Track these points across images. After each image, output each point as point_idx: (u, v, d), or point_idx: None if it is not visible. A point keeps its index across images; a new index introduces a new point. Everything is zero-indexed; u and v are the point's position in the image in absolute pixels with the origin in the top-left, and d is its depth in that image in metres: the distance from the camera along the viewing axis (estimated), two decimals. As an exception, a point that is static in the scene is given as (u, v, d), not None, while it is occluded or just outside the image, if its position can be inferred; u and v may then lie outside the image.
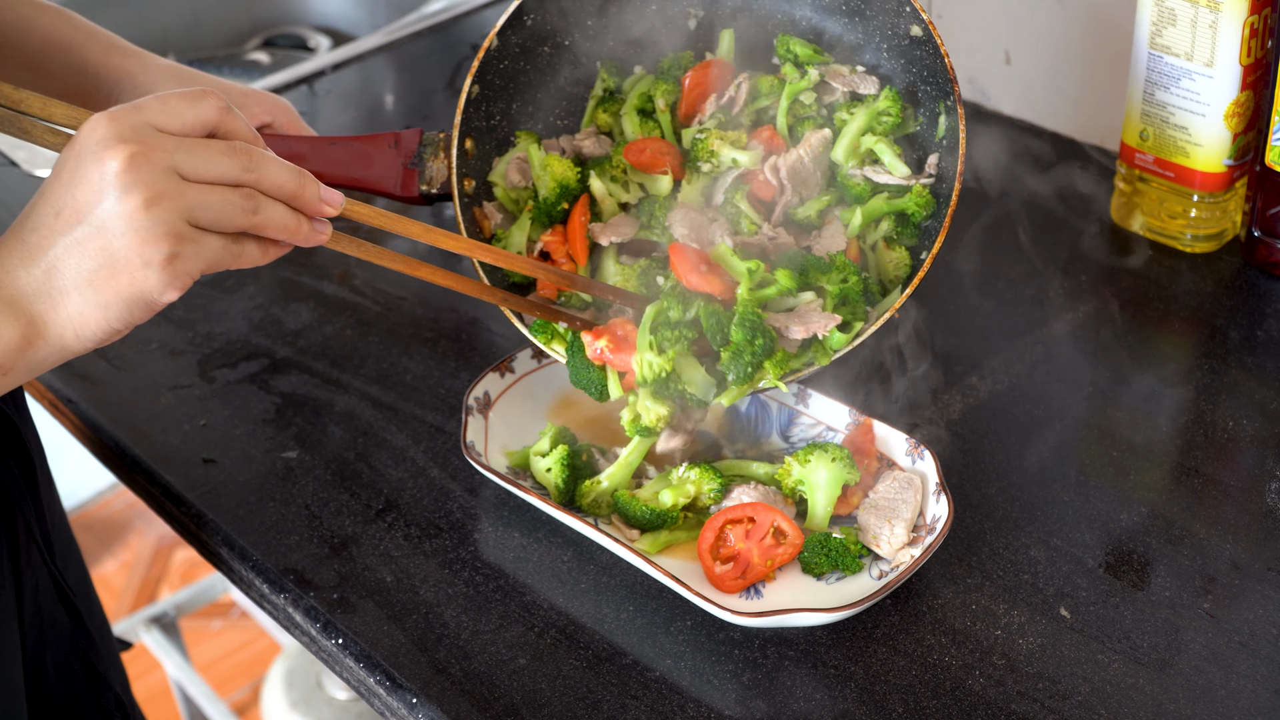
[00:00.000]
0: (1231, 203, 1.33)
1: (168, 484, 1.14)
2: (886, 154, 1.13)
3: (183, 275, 0.81)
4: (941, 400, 1.18)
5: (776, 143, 1.16)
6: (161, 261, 0.80)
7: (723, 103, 1.18)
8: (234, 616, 2.60)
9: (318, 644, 1.02)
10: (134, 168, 0.78)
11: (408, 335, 1.29)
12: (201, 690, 2.03)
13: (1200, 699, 0.94)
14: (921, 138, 1.15)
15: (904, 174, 1.12)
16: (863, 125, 1.14)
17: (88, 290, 0.80)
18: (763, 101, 1.18)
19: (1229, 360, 1.22)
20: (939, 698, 0.94)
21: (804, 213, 1.13)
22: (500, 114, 1.22)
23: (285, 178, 0.84)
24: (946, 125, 1.12)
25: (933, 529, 1.01)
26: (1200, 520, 1.07)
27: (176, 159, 0.80)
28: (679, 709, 0.94)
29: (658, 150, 1.17)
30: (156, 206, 0.79)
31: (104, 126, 0.80)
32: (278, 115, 1.20)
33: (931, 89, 1.13)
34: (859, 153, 1.15)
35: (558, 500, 1.07)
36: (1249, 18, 1.22)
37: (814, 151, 1.14)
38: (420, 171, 1.20)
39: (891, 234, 1.12)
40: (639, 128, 1.19)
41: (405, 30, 1.78)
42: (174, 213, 0.80)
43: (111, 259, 0.80)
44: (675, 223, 1.12)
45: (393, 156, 1.21)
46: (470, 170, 1.20)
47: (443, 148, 1.20)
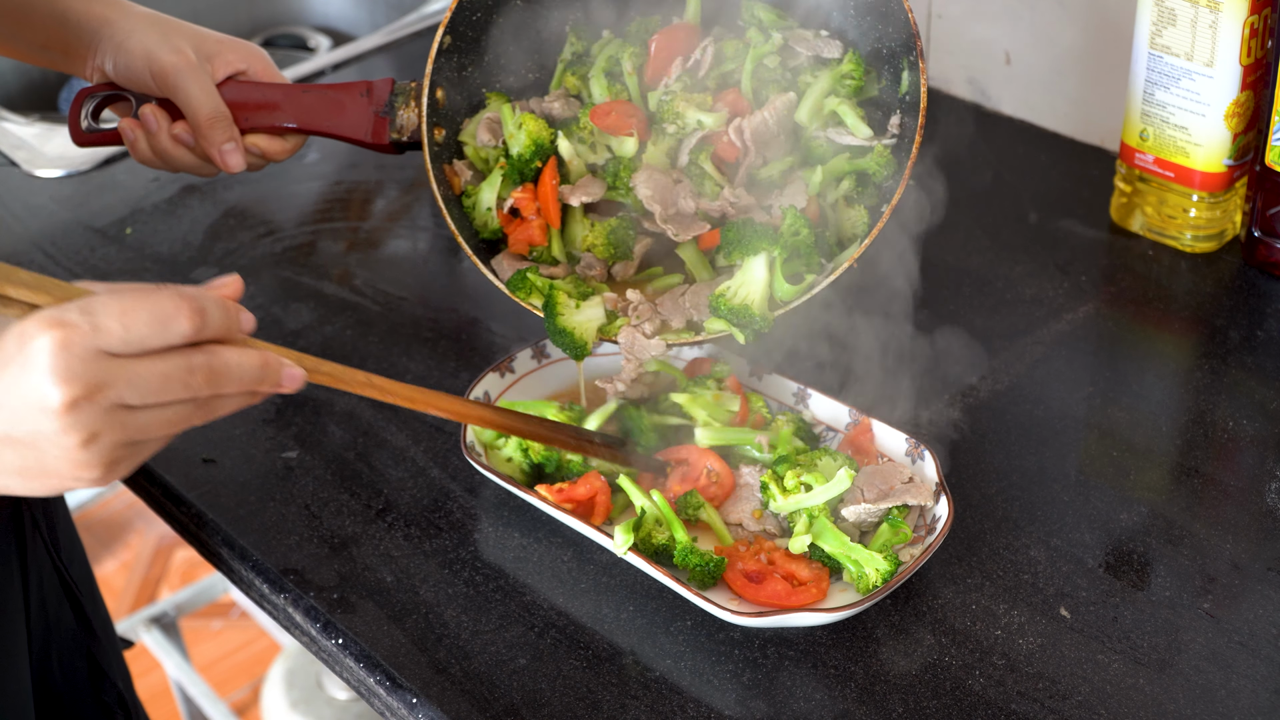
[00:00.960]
0: (1231, 203, 1.33)
1: (168, 484, 1.14)
2: (849, 115, 1.14)
3: (115, 478, 0.79)
4: (941, 400, 1.18)
5: (741, 105, 1.16)
6: (93, 479, 0.77)
7: (689, 66, 1.19)
8: (234, 616, 2.60)
9: (318, 644, 1.02)
10: (76, 410, 0.73)
11: (408, 335, 1.29)
12: (201, 690, 2.03)
13: (1200, 699, 0.94)
14: (885, 100, 1.16)
15: (866, 135, 1.14)
16: (826, 87, 1.16)
17: (16, 477, 0.77)
18: (728, 65, 1.19)
19: (1229, 360, 1.22)
20: (939, 698, 0.94)
21: (766, 173, 1.15)
22: (472, 65, 1.23)
23: (247, 381, 0.79)
24: (909, 81, 1.13)
25: (933, 529, 1.01)
26: (1200, 520, 1.07)
27: (125, 394, 0.75)
28: (679, 709, 0.94)
29: (624, 112, 1.17)
30: (95, 444, 0.75)
31: (52, 354, 0.73)
32: (252, 63, 1.21)
33: (896, 45, 1.15)
34: (822, 114, 1.16)
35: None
36: (1249, 18, 1.22)
37: (778, 114, 1.15)
38: (391, 120, 1.21)
39: (851, 193, 1.14)
40: (606, 90, 1.20)
41: (405, 30, 1.78)
42: (112, 446, 0.76)
43: (44, 468, 0.76)
44: (640, 183, 1.14)
45: (364, 105, 1.21)
46: (441, 120, 1.21)
47: (414, 96, 1.21)
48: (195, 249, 1.41)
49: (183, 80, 1.16)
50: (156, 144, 1.20)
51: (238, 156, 1.19)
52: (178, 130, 1.19)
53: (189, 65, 1.16)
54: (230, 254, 1.40)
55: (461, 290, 1.36)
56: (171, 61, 1.16)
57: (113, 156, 1.56)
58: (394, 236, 1.44)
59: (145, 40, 1.17)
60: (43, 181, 1.54)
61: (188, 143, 1.19)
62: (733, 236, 1.08)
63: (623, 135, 1.16)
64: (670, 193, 1.13)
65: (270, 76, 1.22)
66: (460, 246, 1.16)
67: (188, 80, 1.16)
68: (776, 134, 1.15)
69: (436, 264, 1.40)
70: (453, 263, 1.41)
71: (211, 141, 1.18)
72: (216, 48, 1.19)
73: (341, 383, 0.88)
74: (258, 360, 0.80)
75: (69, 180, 1.54)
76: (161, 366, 0.76)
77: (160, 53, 1.16)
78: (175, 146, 1.20)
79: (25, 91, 1.89)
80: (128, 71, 1.17)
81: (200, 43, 1.19)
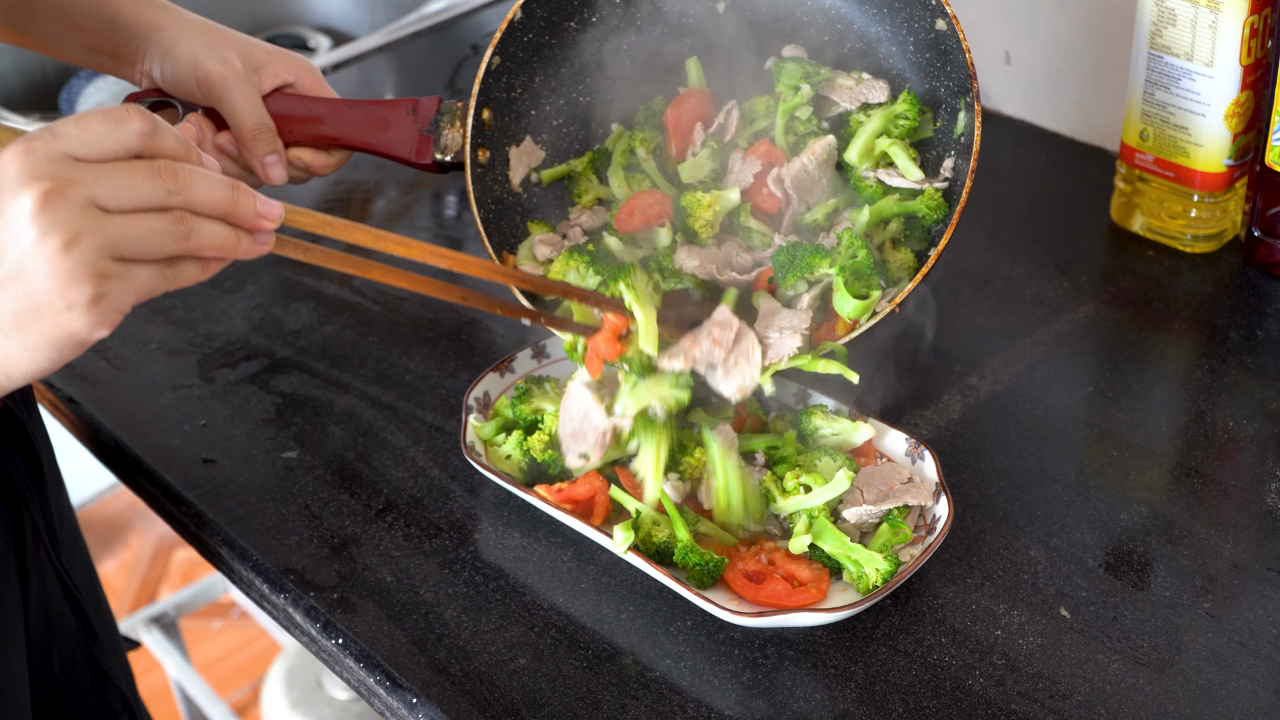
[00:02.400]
0: (1231, 203, 1.33)
1: (168, 484, 1.14)
2: (900, 157, 1.12)
3: (111, 313, 0.77)
4: (941, 400, 1.18)
5: (775, 155, 1.15)
6: (86, 303, 0.76)
7: (712, 130, 1.17)
8: (234, 616, 2.60)
9: (318, 644, 1.02)
10: (50, 207, 0.74)
11: (408, 335, 1.29)
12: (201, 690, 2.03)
13: (1200, 699, 0.94)
14: (936, 141, 1.14)
15: (917, 178, 1.11)
16: (878, 127, 1.14)
17: (13, 333, 0.76)
18: (760, 123, 1.17)
19: (1229, 360, 1.22)
20: (939, 698, 0.94)
21: (811, 217, 1.13)
22: (522, 87, 1.21)
23: (217, 195, 0.80)
24: (965, 122, 1.11)
25: (933, 529, 1.01)
26: (1200, 520, 1.07)
27: (95, 191, 0.75)
28: (679, 709, 0.94)
29: (647, 205, 1.15)
30: (76, 247, 0.74)
31: (18, 160, 0.75)
32: (300, 75, 1.20)
33: (953, 84, 1.13)
34: (873, 155, 1.14)
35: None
36: (1249, 18, 1.22)
37: (817, 159, 1.13)
38: (435, 139, 1.19)
39: (899, 235, 1.11)
40: (624, 183, 1.18)
41: (405, 30, 1.78)
42: (95, 251, 0.75)
43: (35, 302, 0.75)
44: (683, 261, 1.12)
45: (410, 123, 1.20)
46: (486, 141, 1.19)
47: (459, 116, 1.19)
48: (195, 249, 1.41)
49: (228, 91, 1.15)
50: None
51: (280, 170, 1.18)
52: (221, 140, 1.18)
53: (235, 75, 1.15)
54: (230, 254, 1.40)
55: (461, 290, 1.36)
56: (218, 71, 1.15)
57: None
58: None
59: (193, 49, 1.16)
60: None
61: (231, 153, 1.18)
62: (783, 260, 1.06)
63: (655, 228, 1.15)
64: (718, 256, 1.12)
65: (318, 90, 1.21)
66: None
67: (233, 91, 1.15)
68: (818, 179, 1.13)
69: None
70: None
71: (254, 153, 1.17)
72: (265, 59, 1.19)
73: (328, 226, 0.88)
74: (225, 179, 0.80)
75: (69, 180, 1.54)
76: (125, 165, 0.76)
77: (207, 62, 1.15)
78: (219, 157, 1.18)
79: (25, 91, 1.89)
80: (174, 79, 1.17)
81: (248, 53, 1.18)
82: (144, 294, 0.78)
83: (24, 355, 0.78)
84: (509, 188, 1.21)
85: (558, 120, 1.23)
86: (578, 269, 1.10)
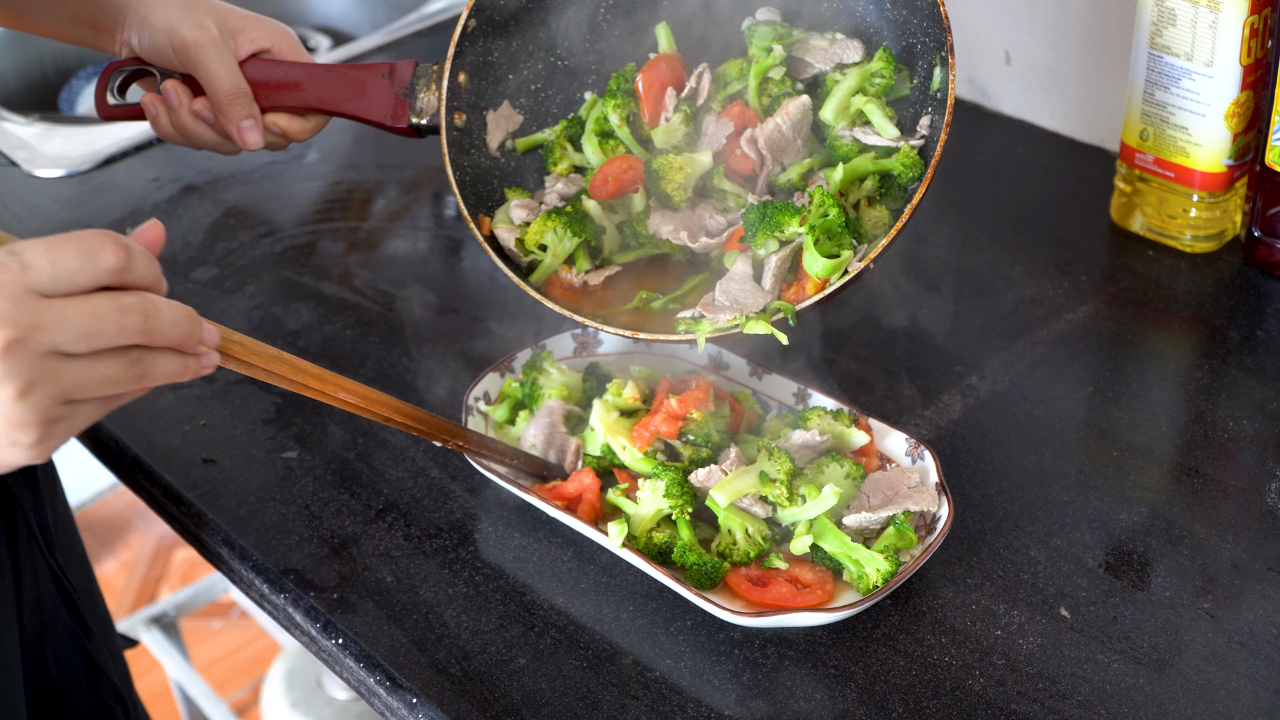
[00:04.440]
0: (1231, 203, 1.33)
1: (168, 484, 1.14)
2: (876, 115, 1.12)
3: (52, 448, 0.75)
4: (941, 400, 1.18)
5: (748, 116, 1.14)
6: (29, 443, 0.74)
7: (684, 95, 1.17)
8: (234, 616, 2.60)
9: (318, 644, 1.02)
10: (9, 356, 0.71)
11: (408, 335, 1.29)
12: (201, 690, 2.03)
13: (1200, 699, 0.94)
14: (912, 99, 1.14)
15: (893, 135, 1.11)
16: (854, 85, 1.13)
17: None
18: (734, 86, 1.17)
19: (1229, 360, 1.22)
20: (939, 698, 0.94)
21: (785, 178, 1.13)
22: (499, 51, 1.21)
23: (179, 331, 0.77)
24: (941, 77, 1.11)
25: (933, 529, 1.01)
26: (1200, 520, 1.07)
27: (57, 340, 0.72)
28: (679, 709, 0.94)
29: (620, 171, 1.15)
30: (30, 396, 0.72)
31: None
32: (277, 40, 1.20)
33: (929, 40, 1.12)
34: (849, 113, 1.13)
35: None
36: (1249, 18, 1.22)
37: (792, 119, 1.13)
38: (411, 103, 1.18)
39: (874, 193, 1.10)
40: (599, 150, 1.17)
41: (405, 30, 1.78)
42: (49, 399, 0.73)
43: None
44: (656, 225, 1.12)
45: (385, 87, 1.19)
46: (463, 105, 1.19)
47: (435, 80, 1.18)
48: (195, 249, 1.41)
49: (203, 55, 1.16)
50: (177, 120, 1.19)
51: (256, 134, 1.19)
52: (198, 106, 1.18)
53: (211, 40, 1.16)
54: (230, 254, 1.40)
55: (461, 290, 1.36)
56: (193, 36, 1.16)
57: (112, 156, 1.57)
58: (394, 236, 1.44)
59: (169, 15, 1.17)
60: (43, 181, 1.54)
61: (208, 119, 1.19)
62: (753, 218, 1.05)
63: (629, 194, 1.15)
64: (691, 219, 1.11)
65: (295, 55, 1.21)
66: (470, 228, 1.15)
67: (208, 56, 1.16)
68: (792, 139, 1.13)
69: (436, 264, 1.40)
70: (452, 262, 1.41)
71: (230, 118, 1.17)
72: (241, 24, 1.19)
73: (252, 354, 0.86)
74: (182, 309, 0.78)
75: (69, 180, 1.54)
76: (91, 306, 0.73)
77: (183, 28, 1.16)
78: (196, 123, 1.19)
79: (25, 91, 1.89)
80: (152, 46, 1.18)
81: (225, 18, 1.18)
82: (85, 427, 0.77)
83: None
84: (486, 152, 1.21)
85: (535, 84, 1.23)
86: (555, 230, 1.11)
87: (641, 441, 1.05)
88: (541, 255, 1.13)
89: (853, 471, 1.04)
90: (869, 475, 1.05)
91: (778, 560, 1.00)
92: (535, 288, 1.12)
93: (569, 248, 1.12)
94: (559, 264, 1.13)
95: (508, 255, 1.15)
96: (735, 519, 1.01)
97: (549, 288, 1.13)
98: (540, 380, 1.11)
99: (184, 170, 1.54)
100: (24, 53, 1.89)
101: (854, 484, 1.04)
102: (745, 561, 1.01)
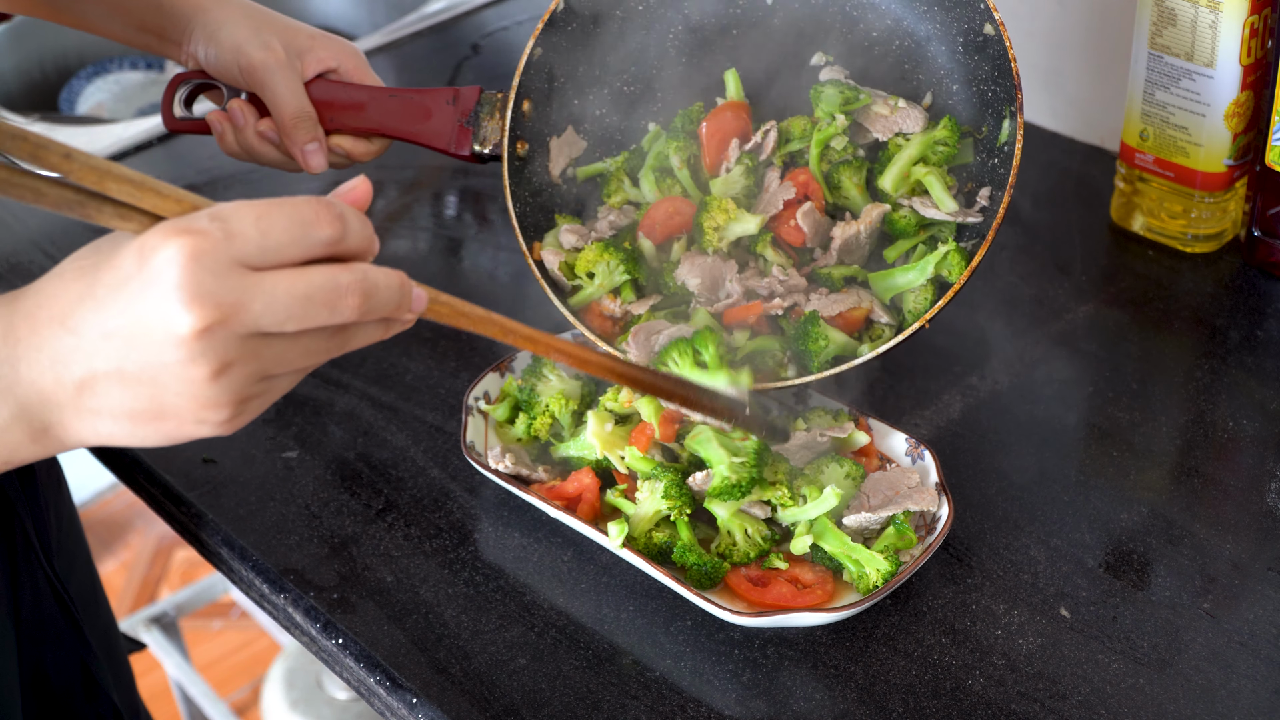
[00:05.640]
0: (1231, 203, 1.33)
1: (168, 484, 1.14)
2: (936, 186, 1.11)
3: (242, 423, 0.70)
4: (941, 400, 1.18)
5: (813, 188, 1.14)
6: (220, 421, 0.69)
7: (748, 148, 1.16)
8: (234, 616, 2.60)
9: (318, 644, 1.02)
10: (209, 336, 0.65)
11: (408, 335, 1.28)
12: (201, 690, 2.03)
13: (1200, 699, 0.94)
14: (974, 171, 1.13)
15: (951, 210, 1.10)
16: (915, 154, 1.12)
17: (124, 421, 0.69)
18: (795, 145, 1.16)
19: (1229, 360, 1.22)
20: (939, 698, 0.94)
21: (827, 273, 1.12)
22: (564, 77, 1.20)
23: (391, 304, 0.71)
24: (1009, 130, 1.09)
25: (932, 529, 1.01)
26: (1200, 520, 1.07)
27: (262, 321, 0.66)
28: (679, 709, 0.94)
29: (668, 216, 1.15)
30: (225, 376, 0.67)
31: (181, 266, 0.64)
32: (343, 60, 1.20)
33: (1000, 90, 1.11)
34: (909, 181, 1.13)
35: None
36: (1249, 18, 1.22)
37: (871, 226, 1.12)
38: (475, 130, 1.18)
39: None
40: (655, 187, 1.17)
41: (405, 30, 1.78)
42: (244, 379, 0.68)
43: (161, 408, 0.68)
44: (685, 275, 1.11)
45: (450, 113, 1.19)
46: (526, 133, 1.18)
47: (499, 108, 1.18)
48: (195, 249, 1.41)
49: (270, 78, 1.15)
50: (243, 139, 1.19)
51: (320, 158, 1.18)
52: (263, 127, 1.18)
53: (278, 63, 1.15)
54: (230, 254, 1.40)
55: (461, 290, 1.35)
56: (260, 58, 1.15)
57: (112, 156, 1.56)
58: (394, 236, 1.44)
59: (236, 34, 1.16)
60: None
61: (273, 140, 1.18)
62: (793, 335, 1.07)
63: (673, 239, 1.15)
64: (718, 270, 1.11)
65: (361, 76, 1.20)
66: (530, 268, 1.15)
67: (275, 78, 1.15)
68: (863, 245, 1.12)
69: (436, 264, 1.40)
70: (453, 262, 1.41)
71: (295, 141, 1.17)
72: (309, 44, 1.18)
73: (460, 316, 0.78)
74: (397, 278, 0.71)
75: (69, 180, 1.54)
76: (304, 286, 0.67)
77: (249, 48, 1.15)
78: (261, 143, 1.19)
79: (25, 91, 1.89)
80: (218, 64, 1.17)
81: (292, 38, 1.17)
82: (278, 399, 0.72)
83: (126, 437, 0.70)
84: (547, 179, 1.20)
85: (600, 110, 1.22)
86: (608, 263, 1.11)
87: (641, 444, 1.05)
88: (587, 282, 1.13)
89: (853, 471, 1.04)
90: (869, 475, 1.05)
91: (778, 560, 1.00)
92: (573, 311, 1.12)
93: (616, 281, 1.11)
94: (602, 293, 1.12)
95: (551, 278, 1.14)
96: (735, 520, 1.01)
97: (587, 314, 1.13)
98: (539, 386, 1.11)
99: (184, 170, 1.54)
100: (24, 53, 1.89)
101: (854, 484, 1.04)
102: (745, 562, 1.01)
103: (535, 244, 1.16)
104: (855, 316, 1.08)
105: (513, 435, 1.11)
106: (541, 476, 1.08)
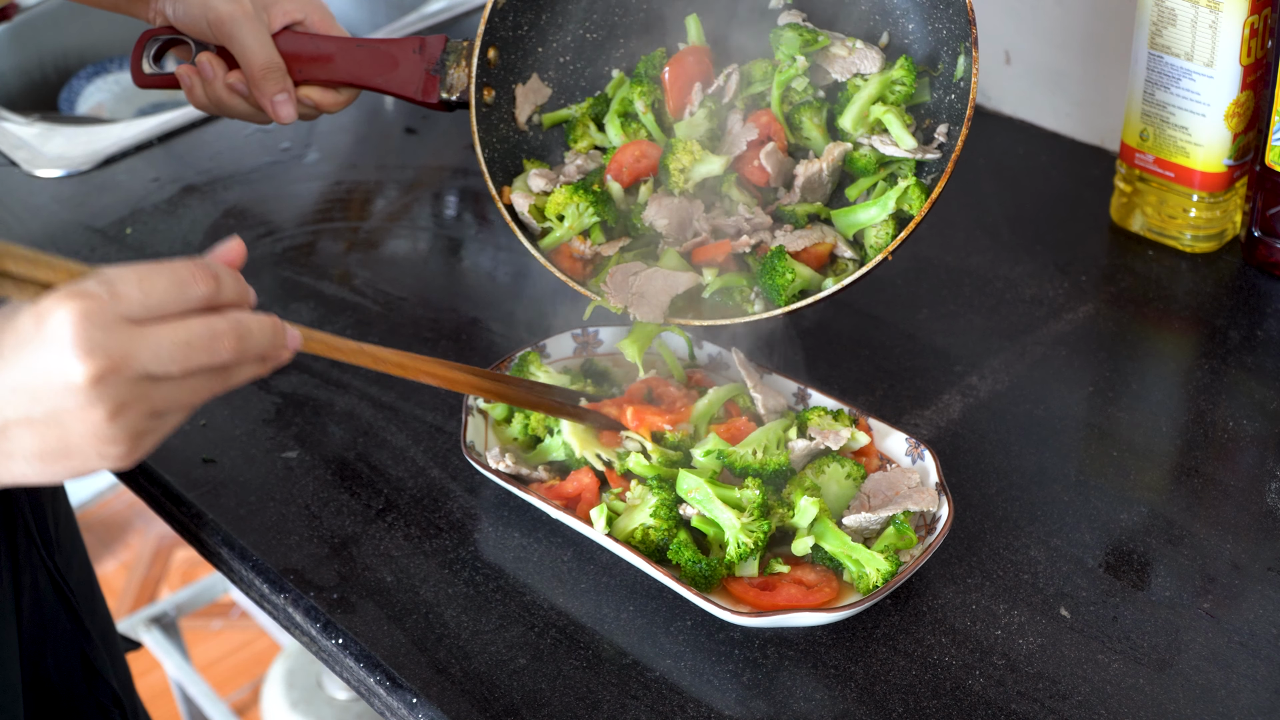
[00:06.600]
0: (1231, 203, 1.33)
1: (168, 484, 1.14)
2: (895, 125, 1.13)
3: (139, 456, 0.77)
4: (941, 400, 1.18)
5: (775, 128, 1.16)
6: (118, 455, 0.76)
7: (710, 91, 1.18)
8: (234, 616, 2.60)
9: (318, 644, 1.02)
10: (102, 383, 0.72)
11: (408, 335, 1.29)
12: (201, 690, 2.03)
13: (1200, 699, 0.94)
14: (931, 108, 1.15)
15: (910, 146, 1.13)
16: (874, 93, 1.15)
17: (35, 461, 0.75)
18: (757, 87, 1.19)
19: (1229, 360, 1.22)
20: (939, 698, 0.94)
21: (791, 209, 1.15)
22: (529, 25, 1.22)
23: (266, 345, 0.79)
24: (965, 66, 1.12)
25: (932, 529, 1.01)
26: (1200, 520, 1.07)
27: (150, 366, 0.74)
28: (679, 709, 0.94)
29: (634, 159, 1.17)
30: (121, 416, 0.74)
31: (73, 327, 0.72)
32: (310, 12, 1.21)
33: (954, 28, 1.13)
34: (868, 121, 1.15)
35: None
36: (1249, 18, 1.22)
37: (833, 164, 1.15)
38: (442, 78, 1.20)
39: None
40: (622, 131, 1.19)
41: (405, 30, 1.78)
42: (139, 417, 0.75)
43: (65, 447, 0.75)
44: (654, 216, 1.13)
45: (417, 61, 1.21)
46: (492, 80, 1.20)
47: (465, 55, 1.20)
48: (195, 249, 1.41)
49: (238, 30, 1.16)
50: (212, 92, 1.21)
51: (289, 108, 1.20)
52: (232, 79, 1.19)
53: (245, 14, 1.17)
54: (230, 254, 1.40)
55: (461, 290, 1.36)
56: (228, 11, 1.16)
57: (112, 156, 1.57)
58: (394, 236, 1.44)
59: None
60: (43, 181, 1.54)
61: (242, 92, 1.20)
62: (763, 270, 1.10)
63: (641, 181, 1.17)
64: (686, 210, 1.13)
65: (327, 28, 1.22)
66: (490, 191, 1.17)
67: (243, 30, 1.16)
68: (825, 182, 1.16)
69: (436, 264, 1.40)
70: (453, 262, 1.41)
71: (264, 92, 1.18)
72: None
73: (334, 350, 0.88)
74: (269, 322, 0.79)
75: (69, 180, 1.54)
76: (184, 334, 0.75)
77: (217, 2, 1.17)
78: (230, 95, 1.20)
79: (25, 91, 1.89)
80: (186, 18, 1.18)
81: None
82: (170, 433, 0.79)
83: (39, 477, 0.77)
84: (515, 126, 1.22)
85: (564, 57, 1.24)
86: (578, 205, 1.13)
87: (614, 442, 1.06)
88: (557, 225, 1.15)
89: (853, 472, 1.04)
90: (869, 475, 1.05)
91: (778, 565, 1.00)
92: (544, 254, 1.14)
93: (586, 223, 1.14)
94: (572, 235, 1.15)
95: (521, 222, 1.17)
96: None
97: (557, 256, 1.15)
98: None
99: (184, 170, 1.54)
100: (24, 53, 1.89)
101: (854, 484, 1.04)
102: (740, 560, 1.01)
103: (505, 188, 1.19)
104: (820, 252, 1.12)
105: (509, 435, 1.11)
106: (541, 476, 1.08)
